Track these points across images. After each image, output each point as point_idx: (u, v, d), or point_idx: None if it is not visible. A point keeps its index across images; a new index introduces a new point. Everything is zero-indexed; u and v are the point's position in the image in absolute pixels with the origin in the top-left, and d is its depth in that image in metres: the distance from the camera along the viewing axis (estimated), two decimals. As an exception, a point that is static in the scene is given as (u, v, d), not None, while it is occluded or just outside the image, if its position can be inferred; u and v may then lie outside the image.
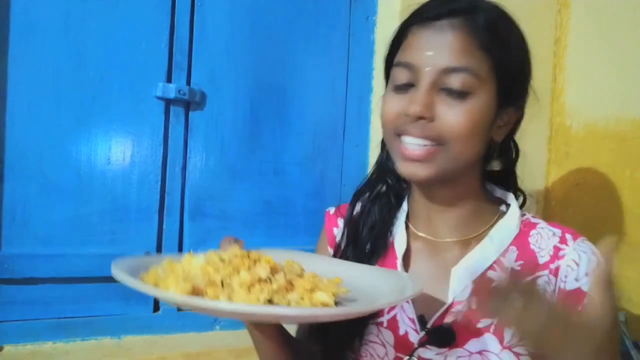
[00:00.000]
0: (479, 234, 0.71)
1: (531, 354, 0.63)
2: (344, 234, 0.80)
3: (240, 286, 0.51)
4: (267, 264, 0.55)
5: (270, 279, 0.53)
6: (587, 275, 0.63)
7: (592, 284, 0.54)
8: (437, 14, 0.64)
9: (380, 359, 0.69)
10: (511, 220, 0.70)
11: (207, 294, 0.50)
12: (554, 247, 0.67)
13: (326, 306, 0.51)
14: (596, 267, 0.62)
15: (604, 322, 0.58)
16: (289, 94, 1.12)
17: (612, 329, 0.62)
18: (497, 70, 0.64)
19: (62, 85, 0.92)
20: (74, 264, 0.93)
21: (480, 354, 0.64)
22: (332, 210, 0.87)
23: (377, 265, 0.75)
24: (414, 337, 0.67)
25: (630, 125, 1.10)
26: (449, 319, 0.66)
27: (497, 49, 0.64)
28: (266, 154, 1.10)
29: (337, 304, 0.53)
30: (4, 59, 0.89)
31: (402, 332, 0.68)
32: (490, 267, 0.68)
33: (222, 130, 1.06)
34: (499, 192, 0.76)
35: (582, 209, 1.19)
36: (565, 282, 0.64)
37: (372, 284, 0.62)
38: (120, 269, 0.52)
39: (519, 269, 0.67)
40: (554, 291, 0.64)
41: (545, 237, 0.68)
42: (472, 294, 0.66)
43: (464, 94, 0.62)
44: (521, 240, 0.69)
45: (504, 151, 0.75)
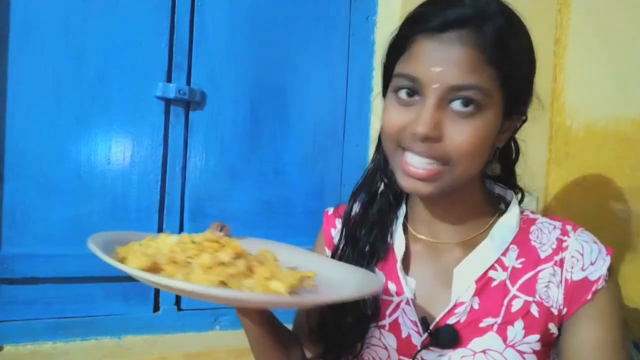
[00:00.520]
0: (479, 234, 0.71)
1: (535, 352, 0.64)
2: (342, 235, 0.80)
3: (199, 267, 0.52)
4: (231, 250, 0.55)
5: (231, 263, 0.54)
6: (592, 264, 0.63)
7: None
8: (444, 24, 0.60)
9: None
10: (511, 218, 0.70)
11: (163, 271, 0.51)
12: (557, 239, 0.66)
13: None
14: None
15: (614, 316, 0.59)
16: (289, 94, 1.12)
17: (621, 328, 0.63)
18: (504, 84, 0.61)
19: (62, 85, 0.92)
20: (74, 264, 0.93)
21: (484, 353, 0.64)
22: (330, 210, 0.86)
23: (377, 268, 0.74)
24: (417, 340, 0.67)
25: (630, 125, 1.10)
26: (452, 320, 0.66)
27: (506, 63, 0.61)
28: (266, 154, 1.10)
29: (294, 296, 0.53)
30: (4, 59, 0.89)
31: (404, 335, 0.68)
32: (491, 267, 0.68)
33: (222, 130, 1.06)
34: (498, 189, 0.76)
35: (582, 209, 1.19)
36: (571, 272, 0.64)
37: (342, 281, 0.62)
38: (97, 240, 0.54)
39: (521, 267, 0.67)
40: (560, 282, 0.64)
41: (545, 232, 0.68)
42: (474, 294, 0.67)
43: (472, 112, 0.60)
44: (522, 237, 0.69)
45: (504, 152, 0.74)
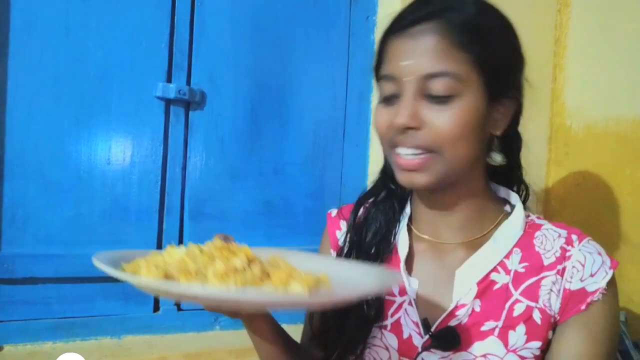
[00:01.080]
0: (482, 236, 0.70)
1: (536, 357, 0.64)
2: (347, 240, 0.80)
3: (213, 275, 0.50)
4: (243, 255, 0.54)
5: (245, 269, 0.52)
6: (592, 276, 0.63)
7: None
8: (412, 20, 0.63)
9: None
10: (515, 221, 0.70)
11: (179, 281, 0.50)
12: (561, 248, 0.66)
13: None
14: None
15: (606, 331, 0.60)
16: (289, 94, 1.12)
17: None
18: (479, 66, 0.62)
19: (62, 85, 0.92)
20: (74, 264, 0.93)
21: (484, 357, 0.63)
22: (334, 212, 0.86)
23: None
24: (418, 341, 0.67)
25: (630, 125, 1.10)
26: (453, 322, 0.65)
27: (476, 45, 0.62)
28: (266, 154, 1.10)
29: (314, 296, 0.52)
30: (4, 59, 0.89)
31: (405, 336, 0.68)
32: (494, 269, 0.67)
33: (222, 130, 1.06)
34: (503, 191, 0.76)
35: (582, 209, 1.19)
36: (570, 282, 0.64)
37: (359, 282, 0.61)
38: (102, 259, 0.51)
39: (524, 271, 0.67)
40: (559, 291, 0.64)
41: (550, 239, 0.68)
42: (476, 297, 0.67)
43: (447, 97, 0.61)
44: (526, 241, 0.68)
45: (506, 143, 0.74)
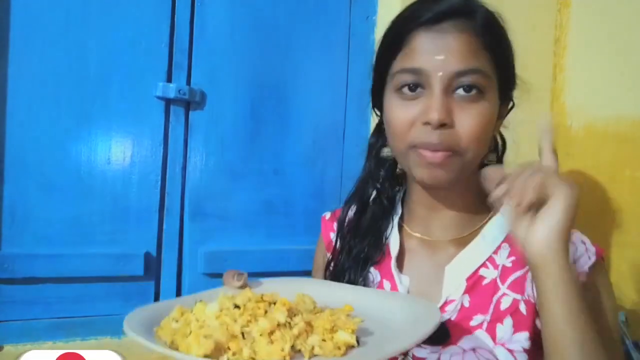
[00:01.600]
0: (473, 232, 0.72)
1: (526, 351, 0.64)
2: (336, 244, 0.81)
3: (260, 335, 0.50)
4: (283, 307, 0.54)
5: (289, 323, 0.52)
6: (574, 262, 0.64)
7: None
8: (437, 16, 0.63)
9: None
10: (504, 217, 0.71)
11: (229, 349, 0.49)
12: None
13: (349, 345, 0.52)
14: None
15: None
16: (289, 93, 1.12)
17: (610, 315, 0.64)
18: (497, 67, 0.65)
19: (62, 85, 0.92)
20: (74, 264, 0.93)
21: (474, 350, 0.64)
22: (327, 215, 0.88)
23: (373, 268, 0.76)
24: None
25: (630, 125, 1.10)
26: (443, 318, 0.66)
27: (497, 48, 0.65)
28: (266, 154, 1.10)
29: (357, 339, 0.53)
30: (4, 59, 0.89)
31: None
32: (482, 265, 0.69)
33: (222, 130, 1.06)
34: None
35: (582, 208, 1.19)
36: None
37: (381, 307, 0.62)
38: (133, 328, 0.50)
39: (511, 265, 0.68)
40: None
41: None
42: (465, 292, 0.67)
43: (476, 96, 0.62)
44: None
45: (495, 140, 0.76)
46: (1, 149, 0.89)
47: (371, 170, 0.80)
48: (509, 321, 0.65)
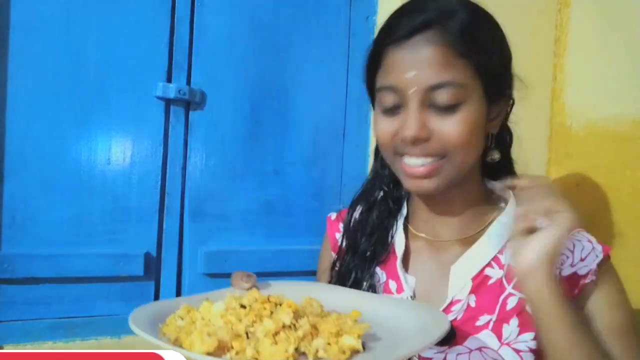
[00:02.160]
0: (478, 232, 0.72)
1: (532, 351, 0.64)
2: (342, 243, 0.82)
3: (265, 335, 0.50)
4: (289, 309, 0.54)
5: (294, 324, 0.52)
6: (582, 260, 0.64)
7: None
8: (409, 30, 0.63)
9: None
10: (509, 216, 0.71)
11: (232, 348, 0.49)
12: None
13: (354, 350, 0.52)
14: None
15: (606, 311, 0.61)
16: (289, 94, 1.12)
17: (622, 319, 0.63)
18: (478, 72, 0.63)
19: (62, 85, 0.92)
20: (74, 264, 0.93)
21: (479, 350, 0.64)
22: (333, 215, 0.88)
23: (379, 268, 0.76)
24: None
25: (630, 125, 1.10)
26: (449, 318, 0.66)
27: (476, 52, 0.63)
28: (266, 154, 1.10)
29: (363, 345, 0.53)
30: (4, 59, 0.89)
31: None
32: (488, 265, 0.68)
33: (222, 130, 1.06)
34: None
35: (582, 209, 1.19)
36: (561, 268, 0.65)
37: (390, 314, 0.62)
38: (138, 323, 0.51)
39: None
40: None
41: None
42: (471, 292, 0.67)
43: (452, 106, 0.62)
44: None
45: (499, 139, 0.75)
46: (1, 149, 0.89)
47: (378, 172, 0.81)
48: (515, 321, 0.65)
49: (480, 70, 0.63)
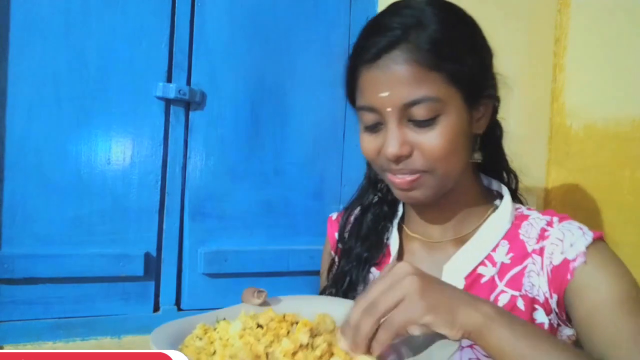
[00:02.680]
0: (471, 231, 0.72)
1: None
2: (337, 248, 0.82)
3: (284, 355, 0.51)
4: (305, 327, 0.54)
5: (311, 344, 0.53)
6: (571, 246, 0.63)
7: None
8: (377, 52, 0.62)
9: None
10: (502, 214, 0.71)
11: None
12: (541, 229, 0.68)
13: None
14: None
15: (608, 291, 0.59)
16: (289, 94, 1.12)
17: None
18: (454, 81, 0.62)
19: (62, 85, 0.92)
20: (74, 264, 0.93)
21: (471, 347, 0.66)
22: (334, 215, 0.89)
23: (374, 268, 0.77)
24: None
25: (630, 125, 1.10)
26: None
27: (448, 62, 0.62)
28: (266, 154, 1.10)
29: None
30: (4, 59, 0.89)
31: None
32: (481, 263, 0.69)
33: (222, 130, 1.06)
34: (496, 184, 0.77)
35: (582, 209, 1.19)
36: (551, 258, 0.65)
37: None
38: (160, 346, 0.51)
39: (509, 262, 0.68)
40: (541, 269, 0.65)
41: (535, 226, 0.69)
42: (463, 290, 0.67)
43: (430, 120, 0.62)
44: (513, 233, 0.70)
45: (489, 135, 0.74)
46: (1, 149, 0.89)
47: (371, 177, 0.82)
48: None
49: (455, 78, 0.62)
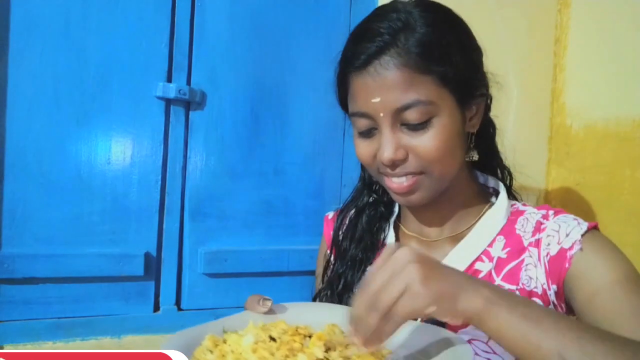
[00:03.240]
0: (467, 228, 0.72)
1: None
2: (332, 251, 0.83)
3: None
4: (319, 341, 0.54)
5: (327, 358, 0.52)
6: (567, 235, 0.64)
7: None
8: (367, 58, 0.62)
9: None
10: (498, 210, 0.72)
11: None
12: (537, 222, 0.68)
13: None
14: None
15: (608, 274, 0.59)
16: (289, 93, 1.12)
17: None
18: (445, 82, 0.62)
19: (62, 85, 0.92)
20: (74, 264, 0.93)
21: (469, 342, 0.65)
22: (330, 215, 0.89)
23: (370, 268, 0.76)
24: None
25: (630, 125, 1.10)
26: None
27: (438, 65, 0.61)
28: (266, 154, 1.10)
29: None
30: (4, 59, 0.89)
31: None
32: (478, 259, 0.69)
33: (222, 130, 1.06)
34: (492, 181, 0.77)
35: (582, 209, 1.19)
36: (548, 249, 0.65)
37: (410, 338, 0.61)
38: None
39: (506, 257, 0.68)
40: (538, 261, 0.65)
41: (531, 220, 0.69)
42: None
43: (424, 123, 0.62)
44: (509, 228, 0.70)
45: (483, 132, 0.74)
46: (1, 149, 0.89)
47: (365, 179, 0.82)
48: None
49: (446, 80, 0.62)
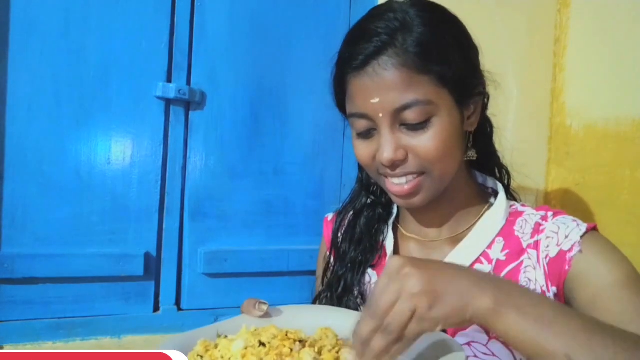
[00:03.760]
0: (466, 230, 0.72)
1: None
2: (331, 253, 0.82)
3: None
4: (311, 350, 0.53)
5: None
6: (566, 237, 0.64)
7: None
8: (365, 59, 0.62)
9: None
10: (497, 211, 0.71)
11: None
12: (535, 224, 0.68)
13: None
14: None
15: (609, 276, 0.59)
16: (289, 93, 1.12)
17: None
18: (443, 82, 0.62)
19: (62, 85, 0.92)
20: (74, 264, 0.93)
21: (469, 345, 0.65)
22: (330, 216, 0.89)
23: (370, 269, 0.77)
24: None
25: (630, 125, 1.10)
26: None
27: (436, 64, 0.61)
28: (266, 154, 1.10)
29: None
30: (4, 59, 0.89)
31: None
32: (477, 261, 0.69)
33: (222, 130, 1.06)
34: (491, 182, 0.77)
35: (582, 209, 1.19)
36: (548, 251, 0.65)
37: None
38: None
39: (505, 259, 0.68)
40: (537, 263, 0.65)
41: (530, 222, 0.69)
42: None
43: (424, 122, 0.62)
44: (507, 229, 0.70)
45: (480, 131, 0.74)
46: (1, 149, 0.89)
47: (363, 180, 0.81)
48: None
49: (444, 79, 0.62)
